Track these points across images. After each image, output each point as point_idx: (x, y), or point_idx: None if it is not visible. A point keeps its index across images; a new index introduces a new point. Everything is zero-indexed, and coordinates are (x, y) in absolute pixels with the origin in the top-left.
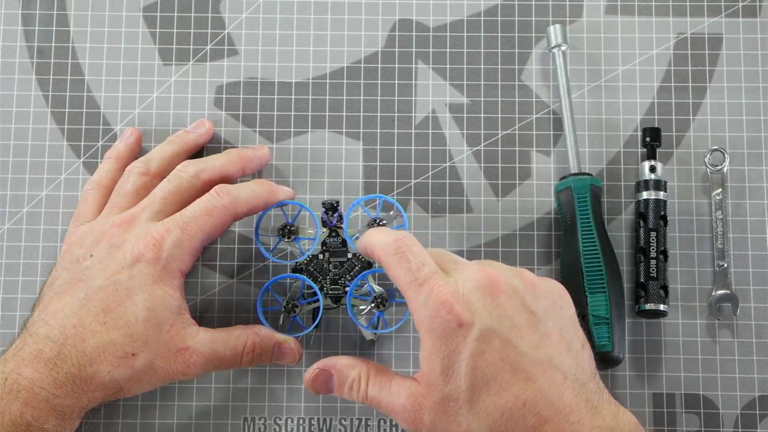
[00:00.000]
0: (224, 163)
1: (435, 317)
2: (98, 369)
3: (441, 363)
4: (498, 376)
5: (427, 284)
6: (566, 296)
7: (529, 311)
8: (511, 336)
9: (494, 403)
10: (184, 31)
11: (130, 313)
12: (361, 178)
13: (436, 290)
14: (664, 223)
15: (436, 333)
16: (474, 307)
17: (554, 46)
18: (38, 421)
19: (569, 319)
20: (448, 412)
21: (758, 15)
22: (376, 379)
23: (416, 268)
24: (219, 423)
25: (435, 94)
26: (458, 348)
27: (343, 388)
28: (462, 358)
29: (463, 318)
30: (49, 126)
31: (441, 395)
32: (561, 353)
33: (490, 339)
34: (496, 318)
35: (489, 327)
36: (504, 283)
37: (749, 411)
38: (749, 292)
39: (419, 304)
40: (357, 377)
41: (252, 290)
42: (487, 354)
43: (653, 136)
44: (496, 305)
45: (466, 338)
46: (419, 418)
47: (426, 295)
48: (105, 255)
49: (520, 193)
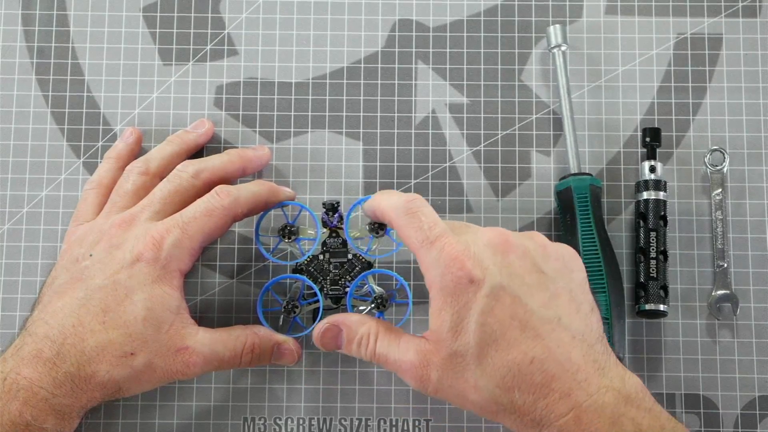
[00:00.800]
0: (224, 163)
1: (446, 274)
2: (97, 368)
3: (450, 319)
4: (507, 332)
5: (439, 242)
6: (577, 260)
7: (539, 271)
8: (520, 294)
9: (502, 359)
10: (184, 31)
11: (130, 312)
12: (361, 178)
13: (447, 247)
14: (664, 223)
15: (447, 290)
16: (485, 264)
17: (554, 46)
18: (37, 421)
19: (579, 281)
20: (456, 369)
21: (758, 15)
22: (385, 336)
23: (428, 227)
24: (219, 423)
25: (435, 94)
26: (468, 304)
27: (352, 344)
28: (471, 314)
29: (474, 274)
30: (49, 126)
31: (449, 351)
32: (570, 314)
33: (500, 296)
34: (507, 275)
35: (499, 284)
36: (515, 243)
37: (749, 411)
38: (749, 292)
39: (430, 262)
40: (366, 333)
41: (252, 290)
42: (497, 310)
43: (653, 136)
44: (506, 263)
45: (476, 294)
46: (426, 374)
47: (437, 252)
48: (104, 254)
49: (520, 193)
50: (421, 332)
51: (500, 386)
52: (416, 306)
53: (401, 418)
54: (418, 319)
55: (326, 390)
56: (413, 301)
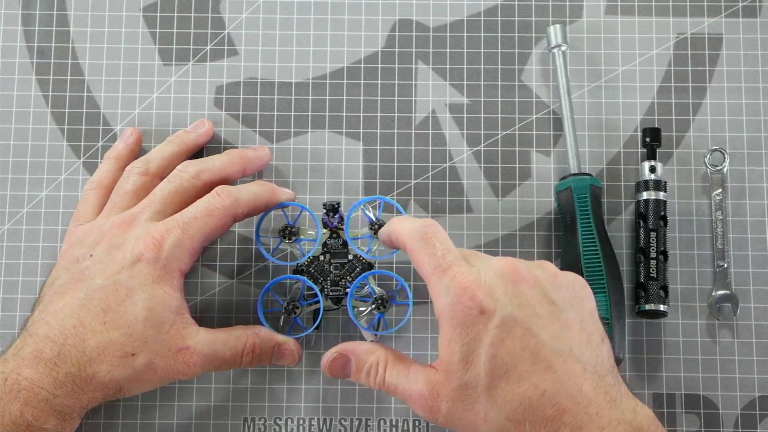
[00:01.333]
0: (225, 163)
1: (456, 303)
2: (98, 369)
3: (461, 350)
4: (518, 364)
5: (450, 271)
6: (587, 289)
7: (550, 301)
8: (531, 325)
9: (513, 391)
10: (184, 32)
11: (130, 312)
12: (361, 179)
13: (459, 277)
14: (664, 224)
15: (457, 320)
16: (496, 295)
17: (554, 47)
18: (38, 421)
19: (590, 311)
20: (466, 400)
21: (758, 15)
22: (395, 366)
23: (441, 254)
24: (219, 423)
25: (435, 94)
26: (479, 335)
27: (361, 373)
28: (482, 346)
29: (485, 305)
30: (49, 126)
31: (459, 383)
32: (581, 344)
33: (511, 327)
34: (518, 306)
35: (510, 315)
36: (525, 273)
37: (749, 411)
38: (749, 293)
39: (441, 291)
40: (375, 363)
41: (252, 290)
42: (508, 342)
43: (653, 136)
44: (517, 294)
45: (487, 326)
46: (436, 405)
47: (449, 281)
48: (105, 255)
49: (520, 194)
50: (421, 333)
51: (511, 419)
52: (416, 306)
53: (401, 418)
54: (419, 320)
55: (326, 390)
56: (414, 302)
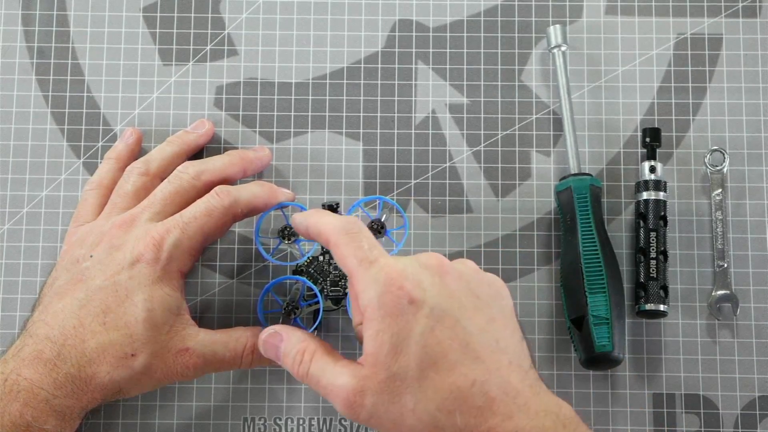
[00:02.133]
0: (225, 164)
1: (385, 294)
2: (98, 370)
3: (390, 340)
4: (447, 354)
5: (378, 262)
6: (506, 289)
7: (475, 295)
8: (460, 316)
9: (443, 381)
10: (184, 32)
11: (130, 313)
12: (361, 179)
13: (386, 268)
14: (664, 224)
15: (386, 310)
16: (424, 285)
17: (554, 47)
18: (38, 422)
19: (509, 310)
20: (394, 392)
21: (758, 15)
22: (322, 358)
23: (367, 248)
24: (219, 423)
25: (435, 94)
26: (408, 325)
27: (288, 358)
28: (412, 335)
29: (414, 295)
30: (49, 126)
31: (388, 374)
32: (506, 338)
33: (441, 317)
34: (446, 297)
35: (439, 305)
36: (449, 266)
37: (749, 411)
38: (749, 293)
39: (368, 282)
40: (302, 350)
41: (252, 290)
42: (438, 332)
43: (653, 136)
44: (444, 285)
45: (416, 315)
46: (359, 401)
47: (376, 272)
48: (105, 255)
49: (520, 194)
50: None
51: (441, 409)
52: None
53: None
54: None
55: None
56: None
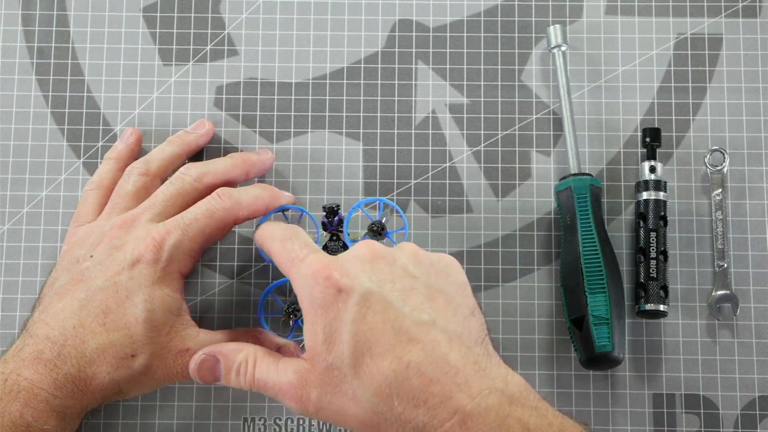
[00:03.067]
0: (227, 166)
1: (314, 286)
2: (98, 370)
3: (323, 332)
4: (380, 339)
5: (306, 259)
6: (455, 265)
7: (411, 275)
8: (392, 299)
9: (377, 366)
10: (184, 32)
11: (130, 314)
12: (361, 179)
13: (315, 263)
14: (664, 224)
15: (316, 302)
16: (352, 273)
17: (554, 47)
18: (38, 422)
19: (458, 285)
20: (334, 382)
21: (758, 15)
22: (264, 360)
23: (298, 248)
24: (219, 423)
25: (435, 94)
26: (339, 315)
27: (230, 373)
28: (343, 324)
29: (342, 284)
30: (49, 126)
31: (325, 365)
32: (446, 316)
33: (371, 302)
34: (376, 282)
35: (369, 290)
36: (383, 252)
37: (749, 411)
38: (749, 293)
39: (300, 279)
40: (244, 360)
41: (252, 291)
42: (369, 318)
43: (653, 136)
44: (375, 270)
45: (346, 303)
46: (306, 394)
47: (305, 268)
48: (105, 256)
49: (520, 194)
50: None
51: (378, 394)
52: None
53: None
54: None
55: None
56: None
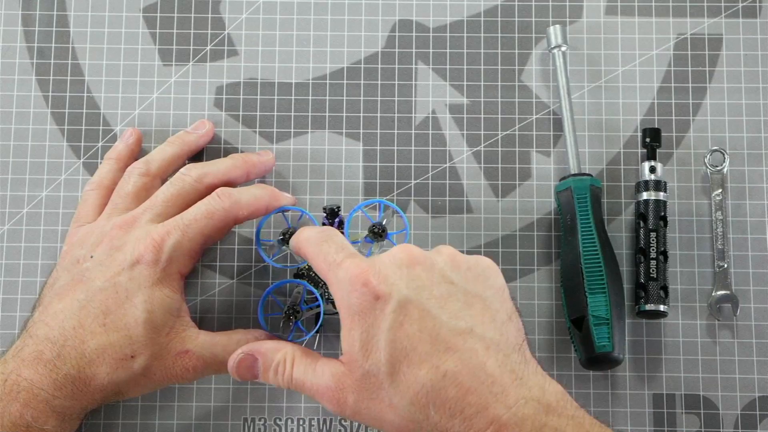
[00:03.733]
0: (228, 167)
1: (351, 292)
2: (97, 371)
3: (360, 338)
4: (417, 347)
5: (344, 263)
6: (493, 268)
7: (449, 281)
8: (429, 306)
9: (414, 374)
10: (184, 32)
11: (130, 315)
12: (361, 179)
13: (352, 267)
14: (664, 224)
15: (354, 308)
16: (390, 280)
17: (554, 47)
18: (38, 422)
19: (496, 290)
20: (371, 389)
21: (758, 15)
22: (302, 361)
23: (335, 251)
24: (219, 423)
25: (435, 94)
26: (376, 322)
27: (269, 372)
28: (380, 332)
29: (379, 290)
30: (49, 127)
31: (362, 372)
32: (483, 323)
33: (408, 310)
34: (414, 289)
35: (406, 298)
36: (421, 257)
37: (749, 411)
38: (749, 293)
39: (337, 284)
40: (282, 360)
41: (252, 291)
42: (406, 325)
43: (653, 136)
44: (412, 276)
45: (383, 311)
46: (343, 398)
47: (343, 273)
48: (105, 256)
49: (520, 194)
50: None
51: (414, 403)
52: None
53: None
54: None
55: None
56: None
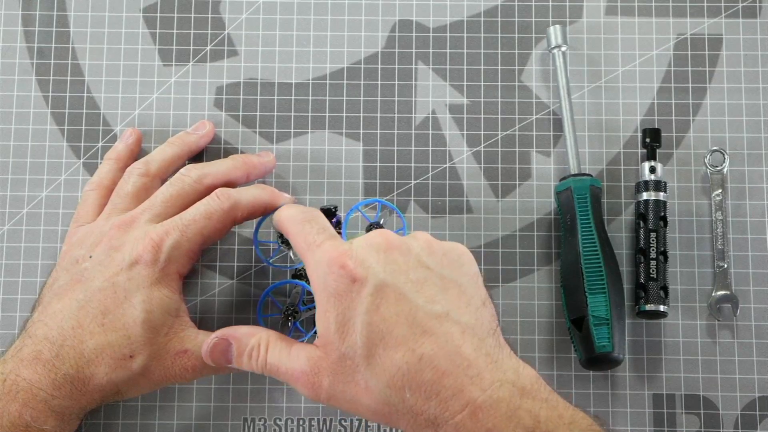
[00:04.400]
0: (228, 168)
1: (328, 274)
2: (96, 371)
3: (336, 321)
4: (393, 330)
5: (323, 245)
6: (467, 255)
7: (425, 266)
8: (406, 290)
9: (390, 357)
10: (184, 32)
11: (129, 315)
12: (361, 179)
13: (330, 250)
14: (664, 224)
15: (330, 291)
16: (367, 263)
17: (554, 47)
18: (37, 422)
19: (471, 276)
20: (346, 372)
21: (758, 16)
22: (276, 345)
23: (315, 232)
24: (219, 424)
25: (435, 94)
26: (353, 304)
27: (242, 357)
28: (357, 314)
29: (356, 273)
30: (49, 127)
31: (338, 354)
32: (459, 307)
33: (385, 293)
34: (390, 272)
35: (383, 281)
36: (397, 242)
37: (749, 412)
38: (749, 293)
39: (314, 265)
40: (256, 344)
41: (252, 291)
42: (382, 308)
43: (653, 136)
44: (389, 260)
45: (360, 293)
46: (318, 382)
47: (320, 254)
48: (104, 256)
49: (520, 194)
50: None
51: (390, 386)
52: None
53: None
54: None
55: None
56: None
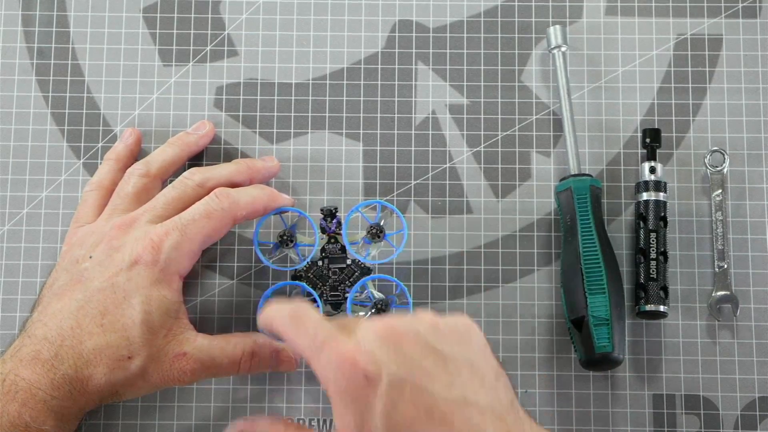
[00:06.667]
0: (232, 172)
1: (341, 376)
2: (94, 371)
3: (354, 421)
4: (414, 425)
5: (328, 344)
6: (472, 327)
7: (435, 351)
8: (421, 381)
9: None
10: (184, 32)
11: (128, 316)
12: (361, 179)
13: (337, 348)
14: (664, 224)
15: (344, 392)
16: (378, 359)
17: (554, 47)
18: (36, 422)
19: (479, 349)
20: None
21: (758, 16)
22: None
23: (313, 331)
24: (219, 424)
25: (435, 95)
26: (370, 405)
27: None
28: (375, 414)
29: (369, 371)
30: (49, 127)
31: None
32: (475, 389)
33: (401, 388)
34: (403, 365)
35: (397, 376)
36: (404, 329)
37: (749, 412)
38: (749, 293)
39: (323, 366)
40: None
41: (252, 291)
42: (400, 405)
43: (653, 137)
44: (400, 353)
45: (376, 392)
46: None
47: (328, 355)
48: (104, 257)
49: (520, 194)
50: None
51: None
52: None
53: None
54: None
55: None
56: (413, 304)
